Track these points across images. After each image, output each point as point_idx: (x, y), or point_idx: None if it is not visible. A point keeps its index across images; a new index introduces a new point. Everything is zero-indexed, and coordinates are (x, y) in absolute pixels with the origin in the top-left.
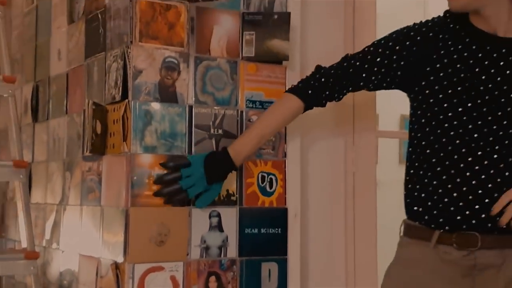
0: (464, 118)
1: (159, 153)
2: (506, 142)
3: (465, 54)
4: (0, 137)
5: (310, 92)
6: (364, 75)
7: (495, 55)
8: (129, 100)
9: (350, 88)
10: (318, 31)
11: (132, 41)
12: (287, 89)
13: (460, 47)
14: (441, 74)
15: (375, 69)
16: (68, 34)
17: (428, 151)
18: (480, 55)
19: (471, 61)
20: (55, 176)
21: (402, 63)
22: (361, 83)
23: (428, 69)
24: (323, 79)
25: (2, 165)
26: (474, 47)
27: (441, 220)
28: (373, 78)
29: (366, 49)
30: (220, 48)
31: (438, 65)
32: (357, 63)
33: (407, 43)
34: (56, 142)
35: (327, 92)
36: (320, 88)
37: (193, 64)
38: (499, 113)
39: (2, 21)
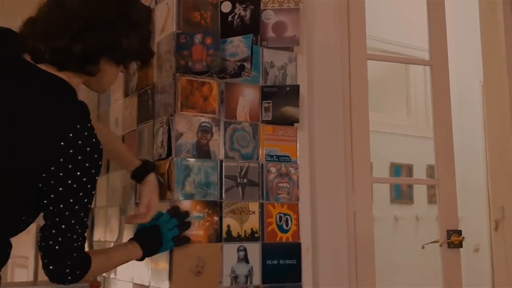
0: None
1: (196, 199)
2: None
3: None
4: None
5: None
6: None
7: None
8: (172, 157)
9: None
10: (322, 99)
11: (175, 111)
12: None
13: None
14: None
15: None
16: (124, 105)
17: None
18: None
19: None
20: (112, 218)
21: None
22: None
23: None
24: None
25: None
26: None
27: None
28: None
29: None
30: (244, 114)
31: None
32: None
33: None
34: (113, 191)
35: None
36: None
37: (223, 127)
38: None
39: None
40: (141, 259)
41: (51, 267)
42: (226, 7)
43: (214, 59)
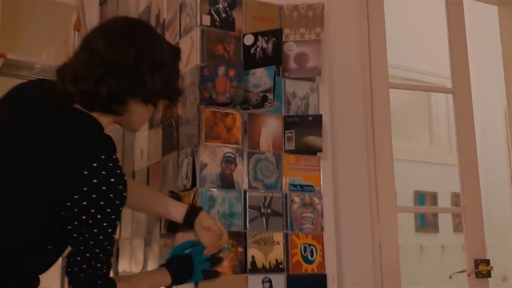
0: None
1: None
2: None
3: None
4: None
5: None
6: None
7: None
8: (197, 188)
9: None
10: (344, 128)
11: (199, 142)
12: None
13: None
14: None
15: None
16: (149, 137)
17: None
18: None
19: None
20: (137, 249)
21: None
22: None
23: None
24: None
25: None
26: None
27: None
28: None
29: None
30: (267, 144)
31: None
32: None
33: None
34: (138, 223)
35: None
36: None
37: (247, 157)
38: None
39: None
40: (169, 286)
41: None
42: (248, 39)
43: (238, 91)
